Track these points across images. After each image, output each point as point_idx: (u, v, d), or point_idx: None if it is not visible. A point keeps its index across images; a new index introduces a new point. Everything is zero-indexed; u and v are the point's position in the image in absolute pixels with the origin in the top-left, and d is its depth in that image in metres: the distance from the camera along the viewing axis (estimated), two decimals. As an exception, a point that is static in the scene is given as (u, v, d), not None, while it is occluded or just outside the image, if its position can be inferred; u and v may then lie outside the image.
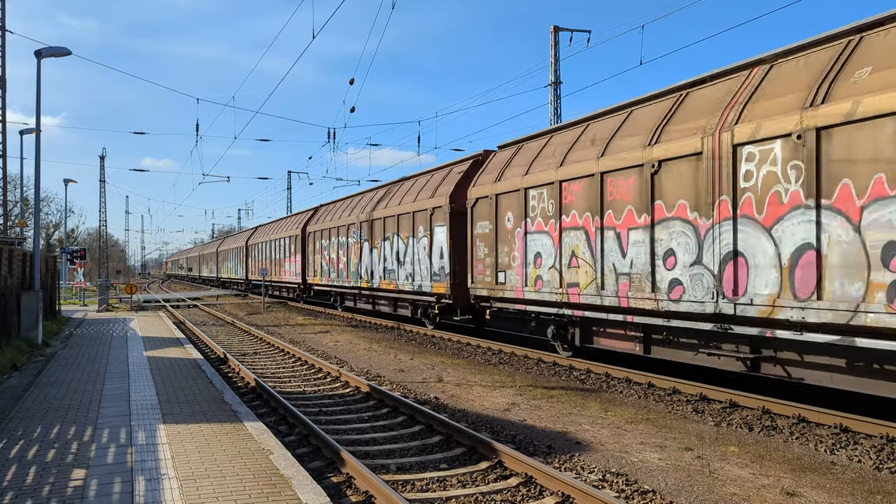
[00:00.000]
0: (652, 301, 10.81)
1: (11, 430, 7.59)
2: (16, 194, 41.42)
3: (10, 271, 15.71)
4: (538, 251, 13.83)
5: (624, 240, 11.45)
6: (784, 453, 7.40)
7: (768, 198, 8.92)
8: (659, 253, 10.74)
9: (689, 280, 10.16)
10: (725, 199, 9.51)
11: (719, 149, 9.63)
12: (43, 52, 16.98)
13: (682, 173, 10.34)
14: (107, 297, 31.21)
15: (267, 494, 5.36)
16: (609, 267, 11.82)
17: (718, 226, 9.62)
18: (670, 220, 10.52)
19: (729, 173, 9.47)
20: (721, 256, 9.58)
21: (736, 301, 9.34)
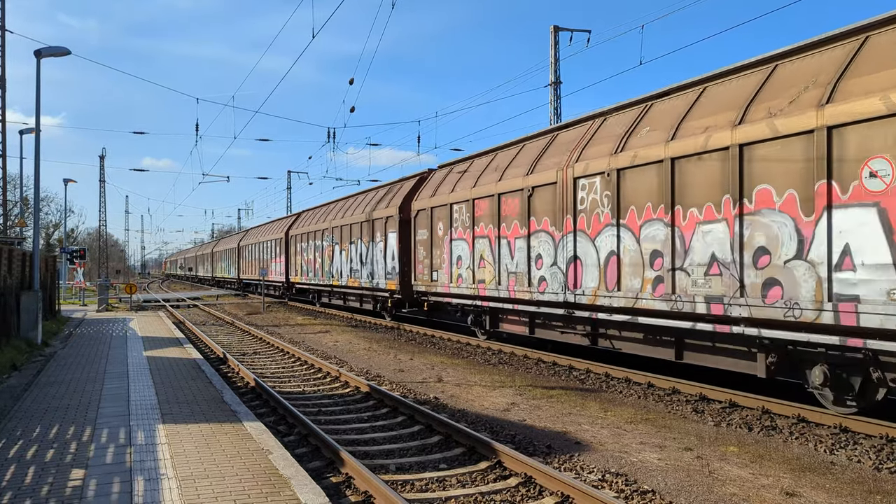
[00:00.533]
0: (528, 293, 14.19)
1: (10, 430, 7.58)
2: (15, 194, 41.41)
3: (9, 271, 15.71)
4: (459, 254, 17.16)
5: (512, 246, 14.77)
6: (784, 453, 7.40)
7: (592, 217, 12.31)
8: (533, 256, 14.07)
9: (550, 277, 13.53)
10: (569, 217, 12.89)
11: (566, 180, 13.04)
12: (42, 51, 16.97)
13: (545, 197, 13.67)
14: (106, 297, 31.21)
15: (266, 494, 5.36)
16: (503, 267, 15.16)
17: (565, 237, 13.01)
18: (539, 232, 13.86)
19: (571, 199, 12.88)
20: (567, 259, 12.97)
21: (575, 292, 12.72)
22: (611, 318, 11.87)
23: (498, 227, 15.25)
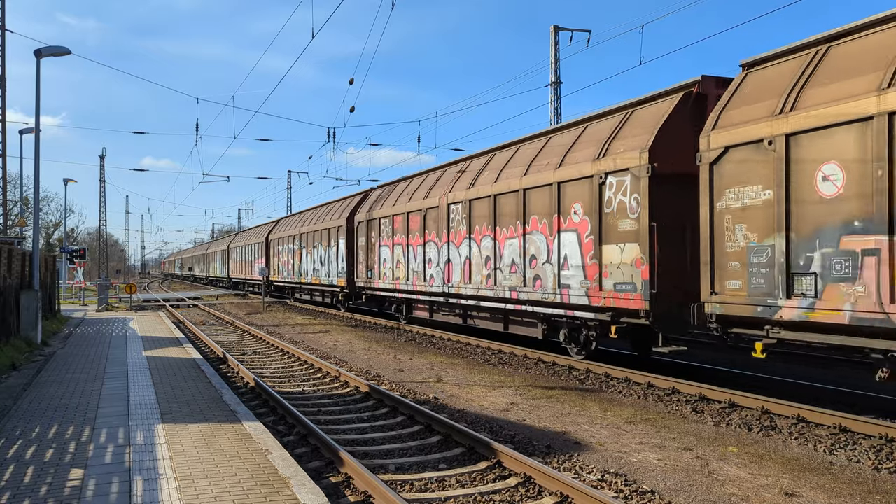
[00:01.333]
0: (425, 287, 18.97)
1: (10, 430, 7.58)
2: (16, 194, 41.40)
3: (9, 271, 15.70)
4: (385, 257, 22.00)
5: (415, 252, 19.61)
6: (783, 453, 7.39)
7: (458, 232, 17.14)
8: (427, 260, 18.94)
9: (436, 274, 18.39)
10: (445, 231, 17.79)
11: (444, 205, 17.89)
12: (42, 51, 16.97)
13: (433, 216, 18.53)
14: (106, 297, 31.20)
15: (265, 495, 5.35)
16: (410, 268, 19.95)
17: (443, 245, 17.86)
18: (430, 242, 18.74)
19: (446, 218, 17.75)
20: (444, 262, 17.77)
21: (448, 285, 17.51)
22: (468, 302, 16.79)
23: (407, 237, 20.17)
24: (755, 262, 8.99)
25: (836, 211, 8.00)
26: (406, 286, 20.06)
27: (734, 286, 9.32)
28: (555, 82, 40.17)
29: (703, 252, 9.75)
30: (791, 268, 8.48)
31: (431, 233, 18.61)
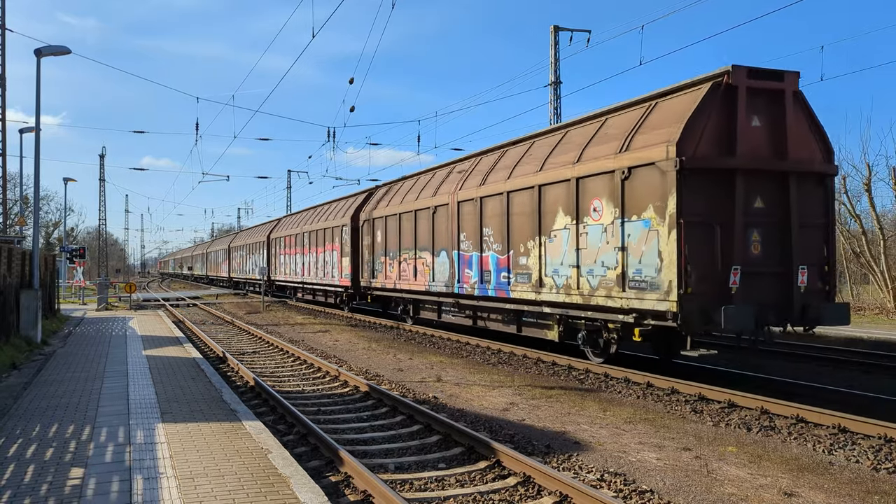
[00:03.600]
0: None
1: (10, 429, 7.59)
2: (15, 193, 41.39)
3: (9, 270, 15.71)
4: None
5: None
6: (782, 453, 7.41)
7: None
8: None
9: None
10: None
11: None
12: (43, 50, 16.97)
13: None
14: (106, 296, 31.19)
15: (265, 494, 5.36)
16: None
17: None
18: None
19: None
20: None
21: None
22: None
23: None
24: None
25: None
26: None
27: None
28: (554, 82, 40.17)
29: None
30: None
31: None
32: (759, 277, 10.53)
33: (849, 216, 24.24)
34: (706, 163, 10.32)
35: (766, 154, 10.74)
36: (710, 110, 10.49)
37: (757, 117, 10.76)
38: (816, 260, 11.05)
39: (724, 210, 10.27)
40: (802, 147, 10.94)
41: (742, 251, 10.36)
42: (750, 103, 10.59)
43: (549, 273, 13.37)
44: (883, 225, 23.70)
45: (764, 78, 10.78)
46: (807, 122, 11.14)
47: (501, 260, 15.06)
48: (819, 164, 11.13)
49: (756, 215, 10.61)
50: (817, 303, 10.79)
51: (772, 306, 10.50)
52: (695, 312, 10.13)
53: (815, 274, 10.95)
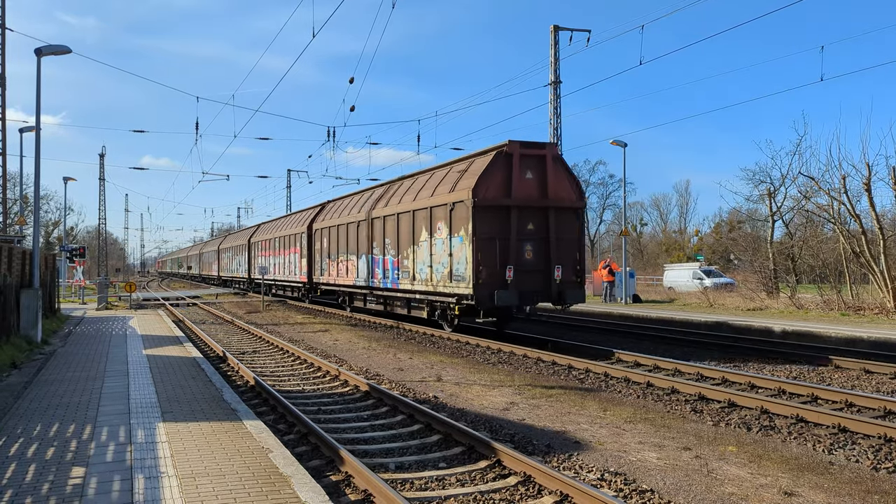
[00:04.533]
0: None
1: (11, 428, 7.60)
2: (16, 192, 41.37)
3: (9, 269, 15.71)
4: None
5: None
6: (782, 453, 7.42)
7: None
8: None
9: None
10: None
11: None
12: (43, 49, 16.97)
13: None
14: (106, 296, 31.18)
15: (266, 493, 5.37)
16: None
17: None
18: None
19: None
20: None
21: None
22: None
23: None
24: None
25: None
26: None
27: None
28: (554, 82, 40.18)
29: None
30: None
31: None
32: (530, 273, 16.46)
33: (848, 216, 24.25)
34: (492, 202, 16.14)
35: (534, 195, 16.65)
36: (495, 169, 16.30)
37: (529, 172, 16.64)
38: (570, 261, 17.01)
39: (504, 230, 16.26)
40: (560, 190, 16.94)
41: (516, 257, 16.28)
42: (522, 164, 16.55)
43: (418, 271, 18.89)
44: (883, 225, 23.70)
45: (532, 147, 16.83)
46: (564, 173, 17.20)
47: (395, 261, 20.49)
48: (571, 202, 17.12)
49: (528, 234, 16.57)
50: (568, 289, 16.82)
51: (537, 292, 16.62)
52: (483, 295, 15.98)
53: (569, 270, 16.92)
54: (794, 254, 30.20)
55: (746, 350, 15.28)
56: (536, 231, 16.64)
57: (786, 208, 31.96)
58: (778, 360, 13.98)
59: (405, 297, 20.33)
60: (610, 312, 24.44)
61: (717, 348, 15.87)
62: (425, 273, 18.26)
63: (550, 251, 16.64)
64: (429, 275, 18.04)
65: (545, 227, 16.67)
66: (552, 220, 16.68)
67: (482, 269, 15.97)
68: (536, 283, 16.53)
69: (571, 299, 16.92)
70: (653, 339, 17.85)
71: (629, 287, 29.67)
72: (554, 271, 16.59)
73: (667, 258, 67.00)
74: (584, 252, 17.78)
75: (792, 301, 24.57)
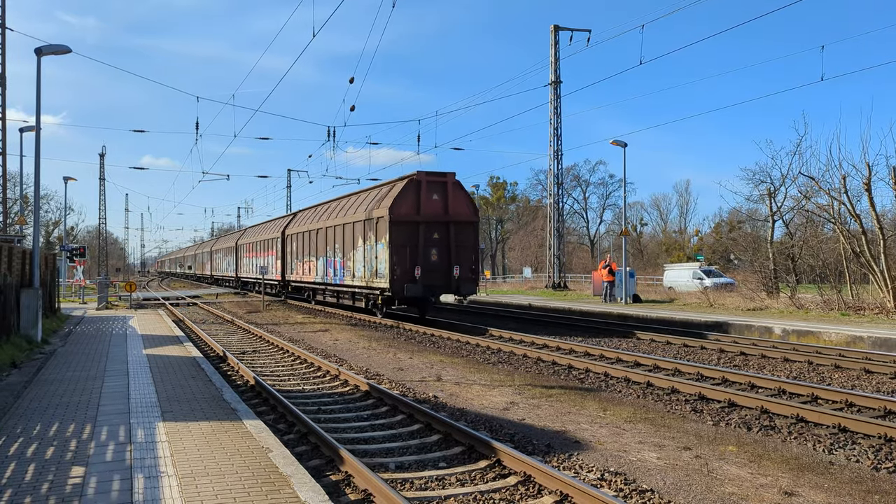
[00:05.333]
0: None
1: (11, 428, 7.59)
2: (16, 192, 41.38)
3: (9, 268, 15.71)
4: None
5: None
6: (782, 453, 7.42)
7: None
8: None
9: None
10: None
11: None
12: (43, 49, 16.96)
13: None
14: (106, 295, 31.17)
15: (266, 492, 5.37)
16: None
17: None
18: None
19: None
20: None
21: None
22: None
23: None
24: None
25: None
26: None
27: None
28: (554, 82, 40.18)
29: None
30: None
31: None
32: (434, 272, 21.44)
33: (849, 216, 24.24)
34: (404, 218, 21.22)
35: (438, 213, 21.79)
36: (408, 192, 21.51)
37: (434, 194, 21.75)
38: (467, 263, 22.00)
39: (414, 239, 21.29)
40: (459, 208, 22.15)
41: (423, 259, 21.31)
42: (429, 189, 21.69)
43: (356, 270, 23.86)
44: (883, 225, 23.68)
45: (436, 176, 21.99)
46: (462, 195, 22.51)
47: (342, 262, 25.43)
48: (468, 217, 22.43)
49: (434, 241, 21.62)
50: (464, 283, 21.86)
51: (440, 285, 21.62)
52: (397, 288, 21.06)
53: (466, 269, 21.89)
54: (795, 254, 30.18)
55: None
56: (440, 239, 21.65)
57: (786, 208, 31.95)
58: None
59: (350, 290, 25.71)
60: (610, 312, 24.45)
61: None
62: (360, 272, 23.45)
63: (451, 255, 21.70)
64: (363, 273, 23.20)
65: (447, 236, 21.73)
66: (452, 231, 21.79)
67: (396, 269, 21.10)
68: (440, 279, 21.58)
69: (466, 291, 22.20)
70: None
71: (629, 287, 29.65)
72: (454, 270, 21.69)
73: (667, 258, 67.04)
74: (479, 255, 23.77)
75: (792, 301, 24.56)
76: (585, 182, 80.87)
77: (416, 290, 20.93)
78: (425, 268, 21.26)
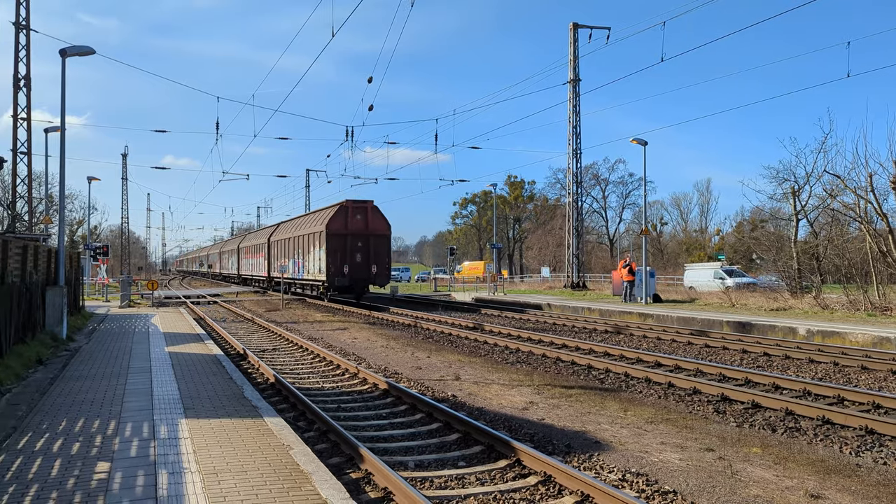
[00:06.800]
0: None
1: (37, 423, 7.71)
2: (41, 191, 42.01)
3: (35, 267, 15.95)
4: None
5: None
6: (808, 455, 7.31)
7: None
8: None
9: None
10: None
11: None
12: (68, 50, 17.19)
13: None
14: (129, 294, 31.55)
15: (287, 490, 5.39)
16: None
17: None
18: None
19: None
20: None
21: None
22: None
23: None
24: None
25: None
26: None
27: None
28: (574, 80, 39.97)
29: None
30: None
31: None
32: (359, 269, 30.80)
33: (875, 215, 23.83)
34: (336, 231, 30.66)
35: (361, 228, 31.05)
36: (339, 214, 30.93)
37: (358, 215, 31.13)
38: (382, 263, 31.40)
39: (343, 246, 30.56)
40: (376, 225, 31.39)
41: (350, 260, 30.62)
42: (354, 211, 31.15)
43: (310, 268, 32.79)
44: (910, 223, 23.27)
45: (360, 202, 31.59)
46: (380, 216, 31.61)
47: (302, 263, 34.65)
48: (383, 231, 31.62)
49: (358, 248, 30.87)
50: (379, 278, 31.38)
51: (363, 279, 31.05)
52: (331, 281, 30.40)
53: (381, 268, 31.34)
54: (819, 253, 29.75)
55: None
56: (363, 247, 31.09)
57: (810, 207, 31.53)
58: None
59: (307, 283, 34.90)
60: (630, 312, 24.28)
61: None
62: (312, 269, 32.62)
63: (370, 258, 31.23)
64: (314, 270, 32.27)
65: (367, 244, 31.21)
66: (371, 241, 31.30)
67: (331, 267, 30.54)
68: (363, 274, 31.11)
69: (381, 283, 32.05)
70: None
71: (649, 286, 29.43)
72: (372, 268, 31.25)
73: (687, 258, 66.42)
74: (391, 257, 33.46)
75: (817, 301, 24.21)
76: (605, 181, 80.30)
77: (344, 282, 30.51)
78: (352, 266, 30.76)
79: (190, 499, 5.14)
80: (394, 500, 5.86)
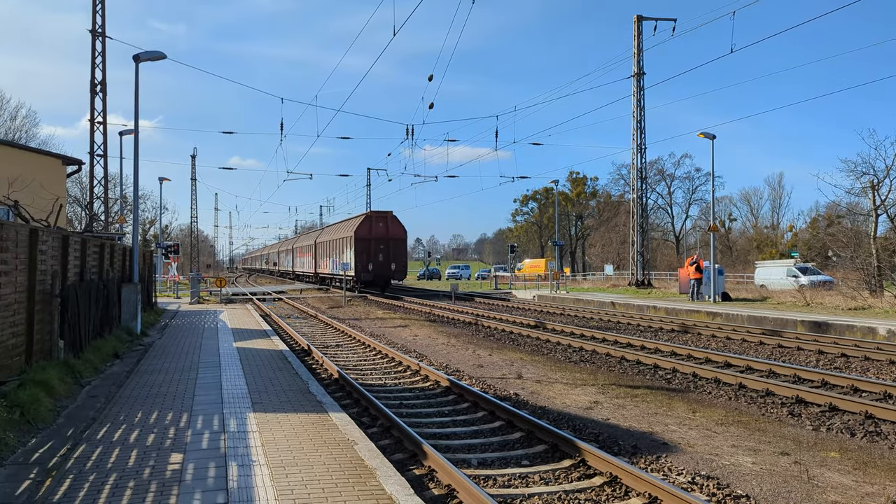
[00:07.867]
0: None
1: (115, 415, 8.04)
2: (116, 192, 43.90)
3: (111, 264, 16.68)
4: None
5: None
6: (890, 461, 6.93)
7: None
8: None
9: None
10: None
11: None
12: (141, 56, 17.88)
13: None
14: (198, 290, 32.62)
15: (353, 484, 5.45)
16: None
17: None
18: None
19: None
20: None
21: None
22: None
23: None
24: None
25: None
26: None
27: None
28: (637, 73, 39.12)
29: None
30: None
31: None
32: (381, 266, 39.32)
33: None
34: (362, 236, 38.95)
35: (383, 233, 39.45)
36: (364, 223, 39.65)
37: (380, 223, 39.78)
38: (400, 262, 40.14)
39: (367, 248, 39.41)
40: (395, 231, 40.10)
41: (374, 259, 39.05)
42: (376, 220, 39.91)
43: (344, 265, 36.32)
44: None
45: (381, 213, 40.81)
46: (398, 223, 40.38)
47: (339, 261, 39.38)
48: (401, 236, 40.66)
49: (380, 250, 39.33)
50: (397, 273, 40.28)
51: (384, 275, 39.65)
52: (358, 276, 38.75)
53: (399, 265, 40.16)
54: (900, 250, 28.21)
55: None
56: (384, 249, 38.78)
57: (890, 202, 29.92)
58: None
59: (341, 277, 37.97)
60: (698, 311, 23.61)
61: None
62: (347, 266, 36.70)
63: (390, 257, 38.90)
64: (350, 267, 37.52)
65: (388, 247, 38.92)
66: (391, 244, 39.07)
67: (358, 265, 38.03)
68: (384, 271, 38.96)
69: (399, 278, 40.64)
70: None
71: (718, 285, 28.54)
72: (391, 266, 39.04)
73: (757, 255, 64.14)
74: (407, 256, 42.52)
75: (897, 300, 22.98)
76: (670, 176, 78.21)
77: (368, 277, 38.58)
78: (375, 264, 38.75)
79: (259, 491, 5.26)
80: (457, 498, 5.85)
